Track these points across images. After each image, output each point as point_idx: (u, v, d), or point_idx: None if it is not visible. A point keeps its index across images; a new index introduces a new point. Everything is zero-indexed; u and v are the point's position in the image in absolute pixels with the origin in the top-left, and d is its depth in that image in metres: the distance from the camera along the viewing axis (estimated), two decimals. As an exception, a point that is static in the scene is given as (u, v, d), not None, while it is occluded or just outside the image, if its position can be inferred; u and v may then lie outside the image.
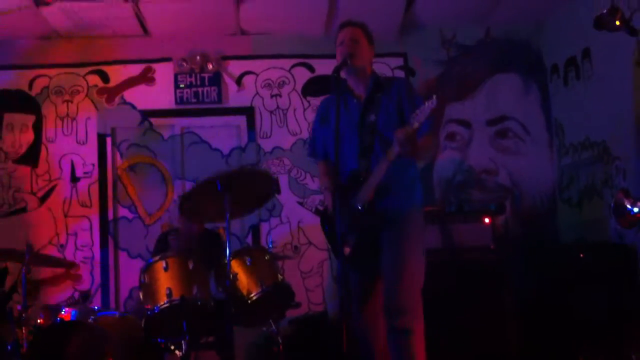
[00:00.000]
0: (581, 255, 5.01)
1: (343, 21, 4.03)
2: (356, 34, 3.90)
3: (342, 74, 3.80)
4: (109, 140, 6.41)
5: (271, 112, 6.52)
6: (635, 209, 3.28)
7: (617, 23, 4.04)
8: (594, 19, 4.21)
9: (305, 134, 6.32)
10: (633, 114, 4.91)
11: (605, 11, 4.09)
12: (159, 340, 4.59)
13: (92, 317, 4.75)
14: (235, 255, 4.62)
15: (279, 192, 6.25)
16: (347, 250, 3.67)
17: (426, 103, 3.42)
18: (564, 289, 5.00)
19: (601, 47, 5.43)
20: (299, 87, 6.54)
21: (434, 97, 3.41)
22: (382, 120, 3.83)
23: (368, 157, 3.82)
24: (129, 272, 6.10)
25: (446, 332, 4.86)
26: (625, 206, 3.33)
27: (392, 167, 3.63)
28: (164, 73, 6.50)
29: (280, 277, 4.70)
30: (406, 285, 3.74)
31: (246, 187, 4.40)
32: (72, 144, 6.40)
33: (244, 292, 4.53)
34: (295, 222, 6.36)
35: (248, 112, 6.51)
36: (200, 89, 6.46)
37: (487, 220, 5.40)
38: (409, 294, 3.74)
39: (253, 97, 6.53)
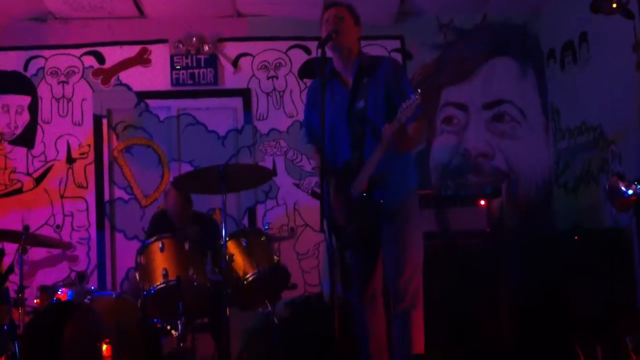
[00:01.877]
0: (576, 238, 5.03)
1: (328, 2, 4.01)
2: (341, 12, 3.87)
3: (329, 53, 3.77)
4: (104, 121, 6.40)
5: (267, 94, 6.51)
6: (630, 192, 3.30)
7: (614, 6, 4.05)
8: (590, 3, 4.22)
9: (302, 116, 6.21)
10: (635, 98, 4.90)
11: (602, -6, 4.09)
12: (155, 321, 4.62)
13: (88, 297, 4.77)
14: (231, 236, 4.64)
15: (275, 174, 6.27)
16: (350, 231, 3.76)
17: (411, 97, 3.43)
18: (559, 273, 5.01)
19: (598, 31, 5.41)
20: (295, 69, 6.52)
21: (419, 91, 3.42)
22: (371, 107, 3.81)
23: (360, 148, 3.81)
24: (125, 253, 6.11)
25: (440, 315, 4.87)
26: (620, 189, 3.35)
27: (384, 157, 3.64)
28: (160, 54, 6.48)
29: (276, 258, 4.72)
30: (408, 273, 3.80)
31: (243, 176, 4.54)
32: (68, 125, 6.38)
33: (240, 273, 4.55)
34: (292, 204, 6.37)
35: (244, 94, 6.50)
36: (196, 71, 6.44)
37: (482, 202, 5.42)
38: (412, 280, 3.81)
39: (249, 79, 6.51)
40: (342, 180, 3.80)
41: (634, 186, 3.27)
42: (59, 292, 4.86)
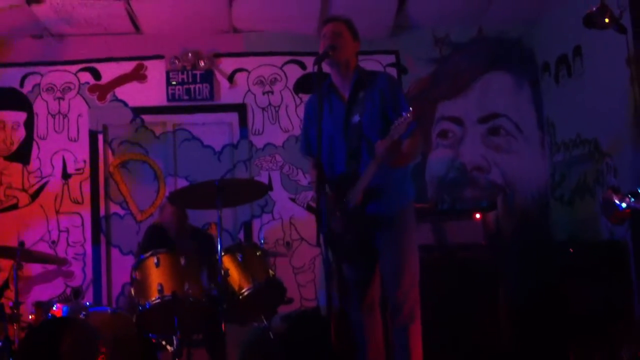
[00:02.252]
0: (571, 250, 5.04)
1: (327, 17, 4.03)
2: (339, 28, 3.90)
3: (326, 68, 3.79)
4: (100, 137, 6.40)
5: (263, 109, 6.52)
6: (624, 205, 3.30)
7: (607, 21, 4.08)
8: (584, 17, 4.25)
9: (297, 131, 6.32)
10: (628, 111, 4.92)
11: (594, 9, 4.12)
12: (150, 336, 4.60)
13: (83, 313, 4.74)
14: (227, 251, 4.63)
15: (271, 188, 6.27)
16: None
17: (403, 115, 3.45)
18: (556, 285, 5.02)
19: (592, 45, 5.45)
20: (290, 84, 6.54)
21: (410, 109, 3.45)
22: (367, 122, 3.83)
23: (357, 161, 3.84)
24: (121, 269, 6.10)
25: (439, 328, 4.87)
26: (614, 202, 3.34)
27: (379, 170, 3.65)
28: (156, 70, 6.49)
29: (271, 273, 4.71)
30: (406, 285, 3.83)
31: (239, 190, 4.56)
32: (64, 141, 6.39)
33: (236, 288, 4.54)
34: (287, 218, 6.37)
35: (240, 109, 6.51)
36: (192, 86, 6.46)
37: (477, 216, 5.43)
38: (409, 293, 3.83)
39: (245, 94, 6.53)
40: (338, 191, 3.81)
41: (627, 199, 3.27)
42: (54, 308, 4.84)
